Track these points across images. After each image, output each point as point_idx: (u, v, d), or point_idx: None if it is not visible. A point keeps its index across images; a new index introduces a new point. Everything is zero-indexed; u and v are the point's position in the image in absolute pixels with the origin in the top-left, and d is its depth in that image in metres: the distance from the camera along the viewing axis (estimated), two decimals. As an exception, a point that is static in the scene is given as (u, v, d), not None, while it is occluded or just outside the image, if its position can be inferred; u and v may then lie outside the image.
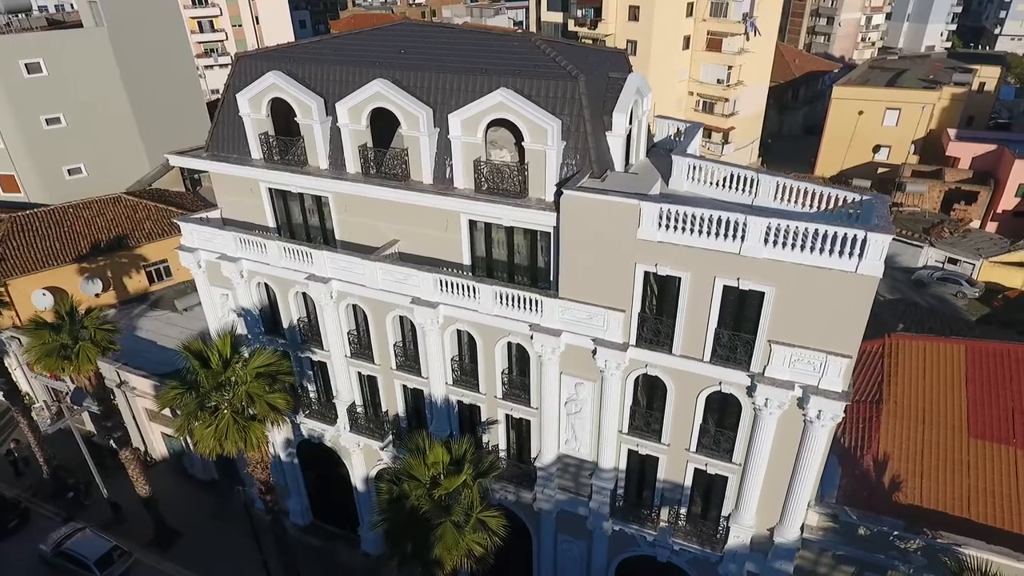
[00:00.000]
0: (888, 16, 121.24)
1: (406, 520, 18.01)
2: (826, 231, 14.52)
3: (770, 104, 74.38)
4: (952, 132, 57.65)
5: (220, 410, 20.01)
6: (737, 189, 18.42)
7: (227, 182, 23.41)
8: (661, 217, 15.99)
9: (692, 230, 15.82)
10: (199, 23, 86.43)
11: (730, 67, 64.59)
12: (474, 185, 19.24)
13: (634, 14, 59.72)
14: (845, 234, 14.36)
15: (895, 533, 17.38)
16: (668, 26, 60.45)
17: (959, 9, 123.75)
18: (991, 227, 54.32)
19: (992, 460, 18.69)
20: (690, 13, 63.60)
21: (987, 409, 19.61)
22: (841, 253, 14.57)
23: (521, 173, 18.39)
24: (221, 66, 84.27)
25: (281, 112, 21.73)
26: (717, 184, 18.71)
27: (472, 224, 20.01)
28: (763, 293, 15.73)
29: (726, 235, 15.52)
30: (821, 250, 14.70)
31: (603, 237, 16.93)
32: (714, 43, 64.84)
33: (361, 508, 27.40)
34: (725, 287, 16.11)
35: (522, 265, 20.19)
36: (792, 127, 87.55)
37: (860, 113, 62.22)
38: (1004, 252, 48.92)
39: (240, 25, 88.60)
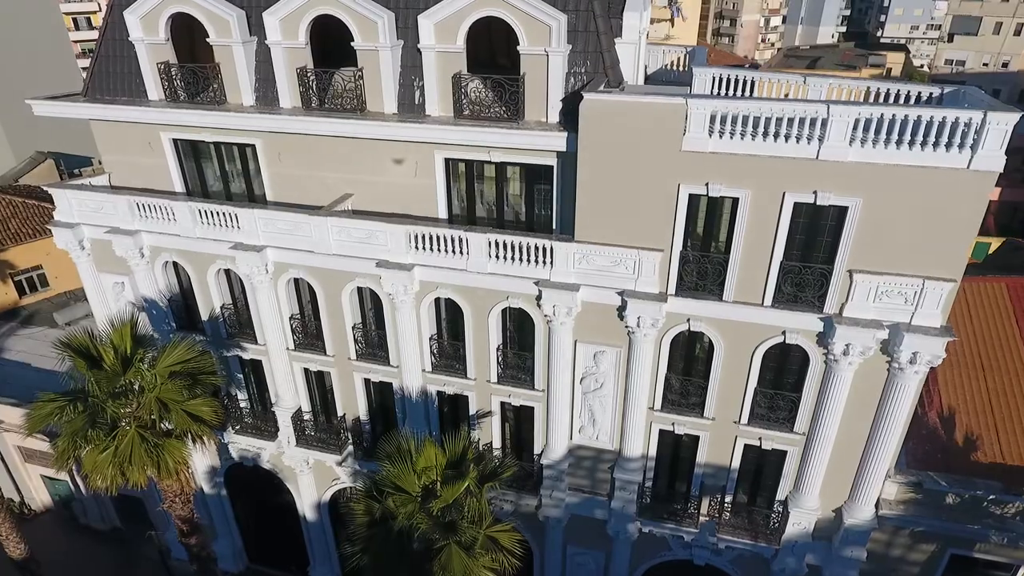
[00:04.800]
0: (784, 19, 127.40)
1: (395, 547, 13.46)
2: (931, 117, 11.47)
3: (693, 95, 74.48)
4: (874, 111, 58.99)
5: (120, 426, 14.69)
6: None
7: (115, 134, 18.05)
8: (714, 120, 12.52)
9: (754, 134, 12.46)
10: (74, 20, 77.02)
11: (658, 54, 63.66)
12: (453, 110, 15.17)
13: None
14: (956, 118, 11.37)
15: (991, 497, 14.65)
16: (596, 10, 58.68)
17: (847, 12, 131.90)
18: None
19: (1067, 403, 16.54)
20: (616, -2, 62.28)
21: (1047, 348, 17.56)
22: (949, 145, 11.60)
23: (516, 88, 14.50)
24: (102, 67, 75.32)
25: (186, 35, 16.86)
26: (751, 97, 15.59)
27: (450, 164, 15.90)
28: (845, 209, 12.57)
29: (799, 137, 12.25)
30: (923, 144, 11.68)
31: (636, 154, 13.25)
32: (641, 30, 63.79)
33: (312, 542, 22.18)
34: (796, 205, 12.83)
35: (515, 216, 16.27)
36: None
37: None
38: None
39: (123, 22, 79.82)
